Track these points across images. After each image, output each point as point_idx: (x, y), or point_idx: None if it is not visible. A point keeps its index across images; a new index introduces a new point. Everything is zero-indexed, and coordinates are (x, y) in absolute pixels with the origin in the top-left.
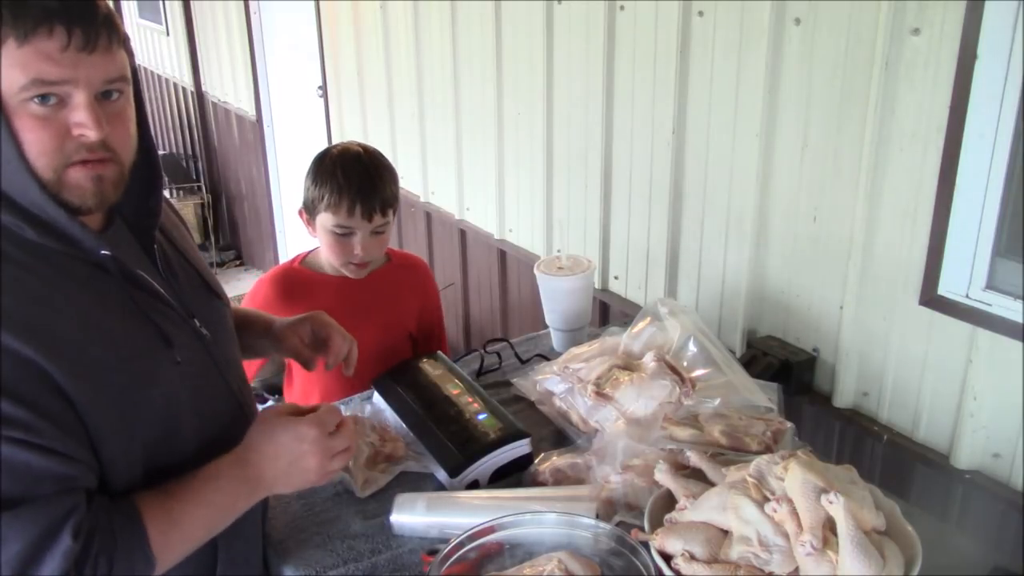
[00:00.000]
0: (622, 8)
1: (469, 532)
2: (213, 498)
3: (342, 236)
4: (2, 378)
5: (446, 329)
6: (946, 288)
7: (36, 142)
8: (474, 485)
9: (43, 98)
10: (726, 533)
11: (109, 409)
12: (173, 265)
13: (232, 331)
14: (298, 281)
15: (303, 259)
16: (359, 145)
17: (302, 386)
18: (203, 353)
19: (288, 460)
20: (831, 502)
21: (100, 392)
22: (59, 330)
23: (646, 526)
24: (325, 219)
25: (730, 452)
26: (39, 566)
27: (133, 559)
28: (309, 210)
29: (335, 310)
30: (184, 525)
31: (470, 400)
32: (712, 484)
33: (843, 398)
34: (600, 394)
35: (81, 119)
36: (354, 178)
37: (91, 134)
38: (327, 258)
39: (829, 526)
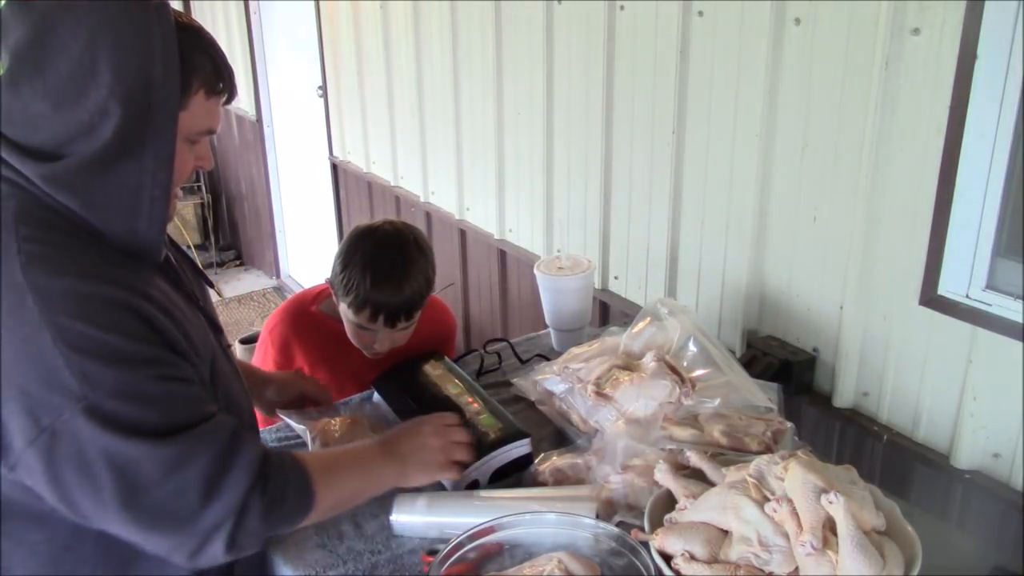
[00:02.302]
0: (622, 8)
1: (469, 532)
2: (367, 464)
3: (362, 330)
4: (132, 328)
5: None
6: (946, 288)
7: (183, 168)
8: (474, 485)
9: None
10: (726, 533)
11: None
12: (172, 250)
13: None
14: (312, 324)
15: (321, 302)
16: (398, 231)
17: None
18: (212, 331)
19: (416, 438)
20: (831, 502)
21: (196, 364)
22: (156, 296)
23: (646, 526)
24: (347, 311)
25: (730, 452)
26: (229, 472)
27: (300, 493)
28: (334, 289)
29: (340, 356)
30: (340, 481)
31: (470, 400)
32: (712, 484)
33: (843, 398)
34: (600, 394)
35: (205, 154)
36: (381, 285)
37: (211, 165)
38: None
39: (829, 526)
